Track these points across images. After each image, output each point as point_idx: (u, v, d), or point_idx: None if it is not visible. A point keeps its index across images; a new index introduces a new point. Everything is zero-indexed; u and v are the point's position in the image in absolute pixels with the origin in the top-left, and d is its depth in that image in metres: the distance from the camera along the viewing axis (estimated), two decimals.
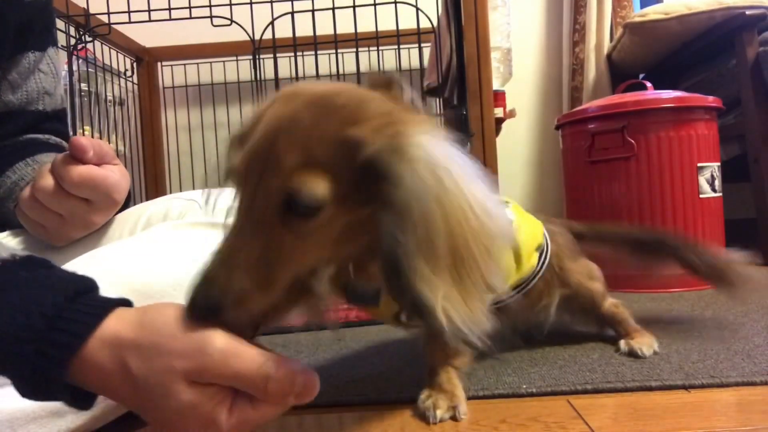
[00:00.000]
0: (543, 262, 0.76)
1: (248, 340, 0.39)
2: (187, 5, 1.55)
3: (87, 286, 0.39)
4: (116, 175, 0.64)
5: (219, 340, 0.37)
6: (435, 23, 1.59)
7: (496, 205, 0.42)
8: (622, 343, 0.79)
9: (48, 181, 0.62)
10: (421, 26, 1.55)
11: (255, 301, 0.39)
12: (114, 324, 0.37)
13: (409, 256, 0.37)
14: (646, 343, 0.78)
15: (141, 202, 0.82)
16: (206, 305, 0.38)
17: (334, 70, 1.98)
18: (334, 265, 0.44)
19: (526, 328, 0.83)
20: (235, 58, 2.12)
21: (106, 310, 0.38)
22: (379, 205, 0.38)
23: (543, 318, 0.81)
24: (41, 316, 0.35)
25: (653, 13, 1.75)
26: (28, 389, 0.37)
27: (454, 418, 0.60)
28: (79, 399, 0.39)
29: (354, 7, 1.52)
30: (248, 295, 0.39)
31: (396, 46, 1.61)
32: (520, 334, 0.84)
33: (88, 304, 0.38)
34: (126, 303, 0.41)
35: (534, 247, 0.74)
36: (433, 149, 0.39)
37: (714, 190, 1.34)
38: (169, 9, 1.56)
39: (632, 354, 0.77)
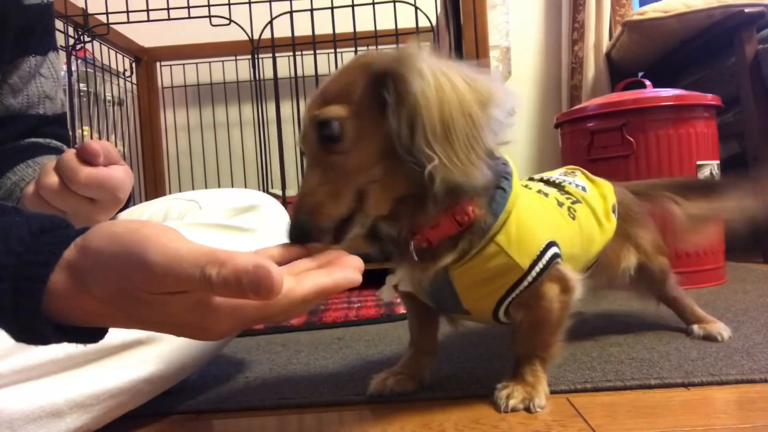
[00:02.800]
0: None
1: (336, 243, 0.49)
2: (186, 5, 1.55)
3: (54, 223, 0.39)
4: (121, 175, 0.64)
5: (153, 249, 0.34)
6: (434, 22, 1.59)
7: (484, 82, 0.54)
8: (696, 328, 0.81)
9: (52, 178, 0.62)
10: (420, 25, 1.55)
11: (331, 209, 0.51)
12: (68, 253, 0.37)
13: (414, 139, 0.50)
14: (722, 328, 0.79)
15: (140, 202, 0.82)
16: (301, 233, 0.49)
17: (333, 70, 1.98)
18: (382, 182, 0.53)
19: (605, 290, 0.84)
20: (234, 57, 2.12)
21: (70, 239, 0.37)
22: (389, 110, 0.50)
23: (622, 282, 0.81)
24: (9, 253, 0.35)
25: (652, 11, 1.75)
26: (18, 331, 0.36)
27: (528, 410, 0.59)
28: (81, 335, 0.39)
29: (353, 6, 1.52)
30: (324, 206, 0.51)
31: (395, 46, 1.61)
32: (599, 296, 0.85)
33: (53, 237, 0.37)
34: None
35: (609, 207, 0.75)
36: (429, 57, 0.52)
37: None
38: (168, 9, 1.55)
39: (709, 338, 0.79)
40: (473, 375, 0.72)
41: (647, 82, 1.42)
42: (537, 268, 0.59)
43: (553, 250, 0.61)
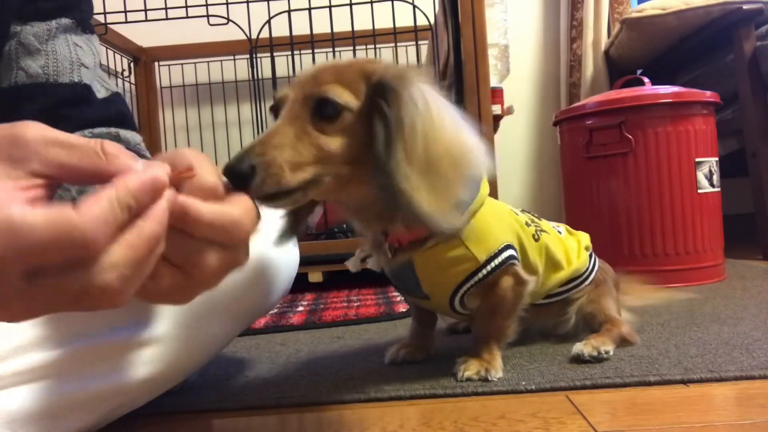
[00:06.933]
0: (594, 265, 0.83)
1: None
2: (184, 5, 1.55)
3: None
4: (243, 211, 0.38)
5: (34, 130, 0.30)
6: (432, 21, 1.59)
7: (471, 136, 0.56)
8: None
9: None
10: (418, 24, 1.55)
11: (285, 178, 0.47)
12: None
13: (393, 156, 0.50)
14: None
15: None
16: (240, 170, 0.44)
17: None
18: (341, 179, 0.54)
19: (547, 326, 0.86)
20: (232, 57, 2.12)
21: None
22: (378, 120, 0.52)
23: (563, 322, 0.85)
24: None
25: (650, 8, 1.75)
26: None
27: (485, 380, 0.67)
28: None
29: (351, 5, 1.52)
30: (282, 173, 0.47)
31: (393, 44, 1.61)
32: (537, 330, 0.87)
33: None
34: None
35: (582, 246, 0.83)
36: (426, 87, 0.54)
37: (712, 185, 1.34)
38: (166, 8, 1.55)
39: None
40: None
41: (646, 80, 1.42)
42: (493, 264, 0.67)
43: (511, 251, 0.68)
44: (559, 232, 0.82)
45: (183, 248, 0.35)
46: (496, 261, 0.67)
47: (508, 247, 0.68)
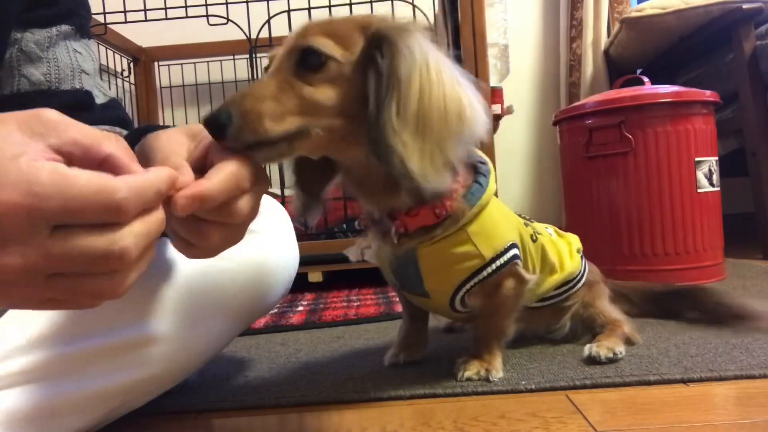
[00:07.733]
0: (585, 268, 0.83)
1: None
2: (183, 5, 1.54)
3: None
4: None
5: (53, 113, 0.33)
6: (431, 20, 1.59)
7: (471, 94, 0.54)
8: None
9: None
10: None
11: (265, 127, 0.46)
12: None
13: (384, 109, 0.49)
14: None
15: None
16: (216, 119, 0.44)
17: None
18: (332, 135, 0.51)
19: (540, 331, 0.86)
20: (232, 57, 2.12)
21: None
22: (372, 71, 0.51)
23: (558, 329, 0.84)
24: None
25: (650, 8, 1.75)
26: None
27: (486, 380, 0.68)
28: None
29: (350, 4, 1.52)
30: (261, 121, 0.46)
31: None
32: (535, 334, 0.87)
33: None
34: None
35: (574, 248, 0.82)
36: (426, 41, 0.52)
37: (712, 185, 1.34)
38: (165, 8, 1.55)
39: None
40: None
41: (645, 79, 1.41)
42: (498, 263, 0.65)
43: (515, 251, 0.67)
44: (550, 234, 0.82)
45: (218, 212, 0.40)
46: (502, 260, 0.66)
47: (513, 246, 0.67)
